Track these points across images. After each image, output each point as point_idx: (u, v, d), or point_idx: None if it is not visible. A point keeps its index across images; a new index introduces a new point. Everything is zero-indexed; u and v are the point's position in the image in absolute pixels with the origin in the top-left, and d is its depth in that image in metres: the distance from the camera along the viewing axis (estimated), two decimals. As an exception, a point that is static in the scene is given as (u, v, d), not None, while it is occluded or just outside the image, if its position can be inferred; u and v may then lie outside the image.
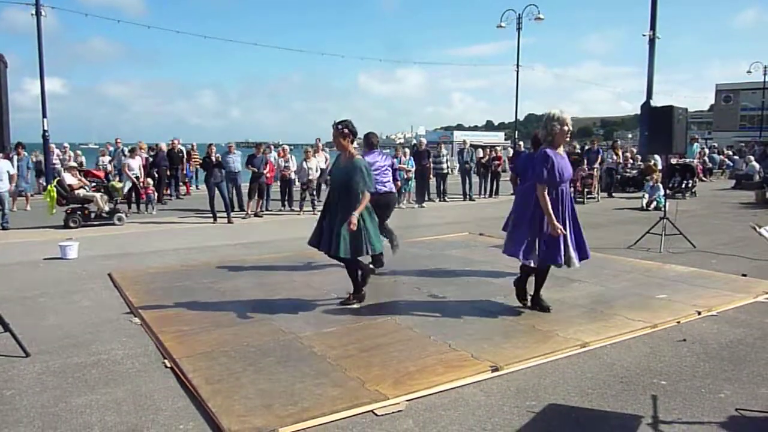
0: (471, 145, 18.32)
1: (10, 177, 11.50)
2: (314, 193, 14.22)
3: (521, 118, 38.04)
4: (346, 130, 5.22)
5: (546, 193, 4.74)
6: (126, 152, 15.21)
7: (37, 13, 18.03)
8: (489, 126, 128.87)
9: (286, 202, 14.61)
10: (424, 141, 17.92)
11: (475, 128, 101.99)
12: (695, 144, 23.10)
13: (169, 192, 17.23)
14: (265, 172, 13.46)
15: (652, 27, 19.20)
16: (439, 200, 16.73)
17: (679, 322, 4.84)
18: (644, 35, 19.42)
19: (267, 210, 14.01)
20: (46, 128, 18.51)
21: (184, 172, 17.75)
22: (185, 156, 17.87)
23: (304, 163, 14.00)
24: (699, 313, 5.06)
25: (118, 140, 16.91)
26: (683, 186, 16.70)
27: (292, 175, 14.63)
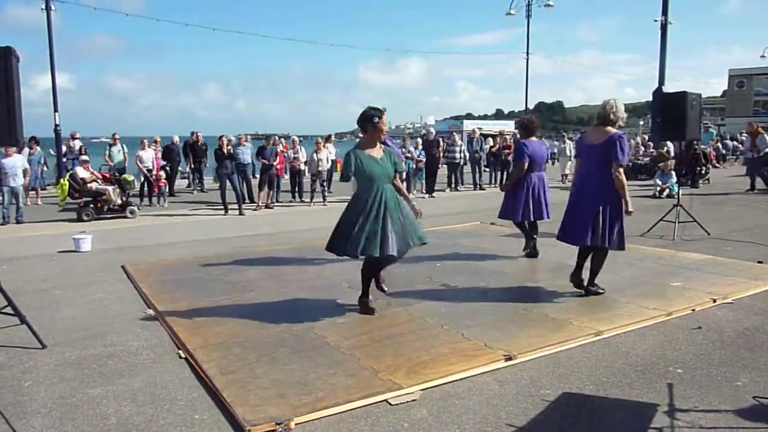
0: (482, 134, 18.22)
1: (24, 172, 11.59)
2: (324, 184, 14.22)
3: (531, 106, 37.77)
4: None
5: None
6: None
7: (47, 8, 18.08)
8: (499, 115, 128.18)
9: (296, 194, 14.64)
10: (433, 131, 17.85)
11: (485, 117, 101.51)
12: (711, 129, 22.80)
13: (190, 186, 17.24)
14: (275, 163, 13.49)
15: (664, 12, 18.93)
16: (450, 190, 16.67)
17: (694, 310, 4.80)
18: (656, 21, 19.14)
19: (277, 201, 14.04)
20: (57, 122, 18.63)
21: (207, 165, 17.13)
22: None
23: (315, 154, 13.99)
24: (714, 301, 5.01)
25: (116, 135, 15.63)
26: (696, 173, 16.51)
27: (302, 167, 14.63)
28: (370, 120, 4.64)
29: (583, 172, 5.19)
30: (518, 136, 7.17)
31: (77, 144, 17.13)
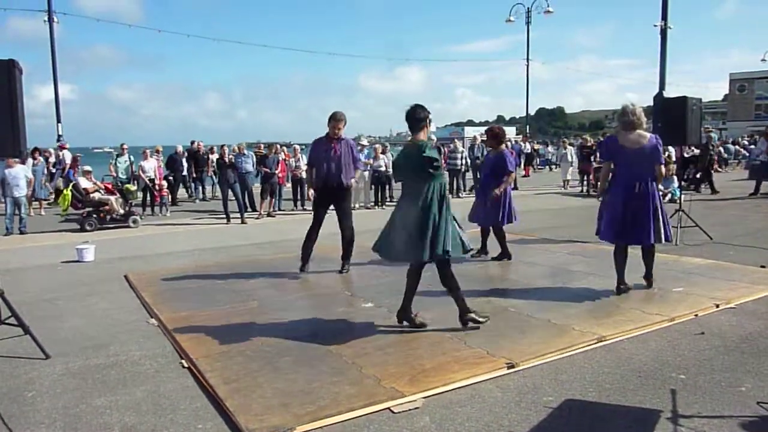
0: (482, 141, 18.24)
1: (28, 182, 11.62)
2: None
3: (531, 112, 37.90)
4: None
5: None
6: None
7: (50, 20, 18.25)
8: (500, 121, 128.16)
9: (298, 202, 14.66)
10: (434, 138, 17.89)
11: (486, 123, 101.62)
12: (712, 134, 22.77)
13: (192, 195, 17.22)
14: (277, 172, 13.53)
15: (664, 17, 18.98)
16: (451, 196, 16.67)
17: (697, 315, 4.79)
18: (655, 25, 19.20)
19: (279, 210, 14.07)
20: (60, 133, 18.74)
21: (209, 174, 16.93)
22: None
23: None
24: (717, 306, 5.00)
25: (124, 146, 15.21)
26: (698, 177, 16.51)
27: (304, 175, 14.66)
28: (426, 119, 4.60)
29: (628, 176, 5.30)
30: (488, 145, 7.60)
31: (67, 155, 16.57)
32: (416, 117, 4.58)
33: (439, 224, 4.42)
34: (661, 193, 14.33)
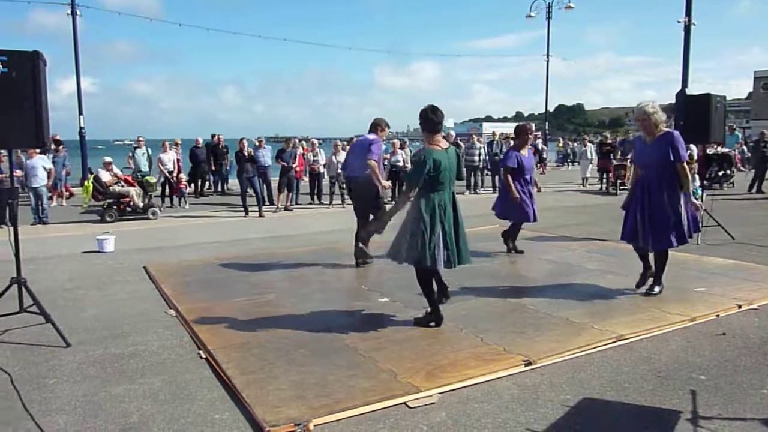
0: (503, 137, 18.13)
1: (48, 172, 11.74)
2: (344, 186, 14.26)
3: (551, 108, 37.56)
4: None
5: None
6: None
7: (73, 13, 18.42)
8: (519, 117, 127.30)
9: (315, 196, 14.71)
10: (453, 133, 17.81)
11: (504, 119, 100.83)
12: (736, 132, 22.32)
13: (210, 187, 17.32)
14: (294, 166, 13.58)
15: (688, 13, 18.65)
16: (469, 193, 16.61)
17: (718, 316, 4.72)
18: (679, 22, 18.87)
19: (297, 204, 14.12)
20: (82, 125, 18.94)
21: (228, 167, 16.97)
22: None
23: (333, 157, 14.05)
24: (739, 307, 4.92)
25: (140, 138, 15.04)
26: (721, 176, 16.25)
27: (321, 169, 14.70)
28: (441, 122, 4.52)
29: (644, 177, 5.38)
30: (514, 143, 7.57)
31: (60, 148, 15.89)
32: (430, 120, 4.42)
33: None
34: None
